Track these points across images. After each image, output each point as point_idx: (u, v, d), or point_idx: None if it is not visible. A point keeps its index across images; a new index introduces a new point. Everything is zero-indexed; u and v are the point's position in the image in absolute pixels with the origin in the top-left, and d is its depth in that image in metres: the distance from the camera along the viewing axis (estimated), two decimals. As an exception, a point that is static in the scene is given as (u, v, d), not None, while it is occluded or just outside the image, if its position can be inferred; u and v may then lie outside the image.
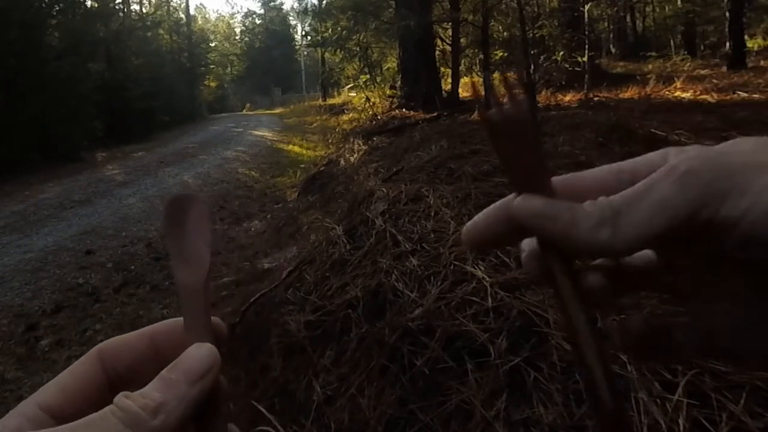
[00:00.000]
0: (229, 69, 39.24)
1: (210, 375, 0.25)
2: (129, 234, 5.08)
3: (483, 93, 0.29)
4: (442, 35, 9.26)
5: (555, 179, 0.27)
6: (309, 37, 17.31)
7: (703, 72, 9.16)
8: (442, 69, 9.98)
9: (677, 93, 6.35)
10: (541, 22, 9.07)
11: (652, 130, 3.48)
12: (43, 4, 11.74)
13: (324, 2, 15.02)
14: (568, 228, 0.24)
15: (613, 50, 18.41)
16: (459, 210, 2.27)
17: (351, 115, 10.79)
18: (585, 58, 7.63)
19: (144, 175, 8.42)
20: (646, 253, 0.27)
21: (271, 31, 40.90)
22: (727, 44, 9.53)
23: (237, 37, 43.07)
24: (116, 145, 12.53)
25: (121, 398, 0.23)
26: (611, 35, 19.56)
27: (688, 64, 10.92)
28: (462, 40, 9.08)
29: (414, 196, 2.63)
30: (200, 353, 0.26)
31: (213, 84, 33.78)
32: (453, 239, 1.94)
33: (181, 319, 0.28)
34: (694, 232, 0.23)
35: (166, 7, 28.49)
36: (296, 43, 41.94)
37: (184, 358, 0.25)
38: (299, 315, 2.12)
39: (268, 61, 39.04)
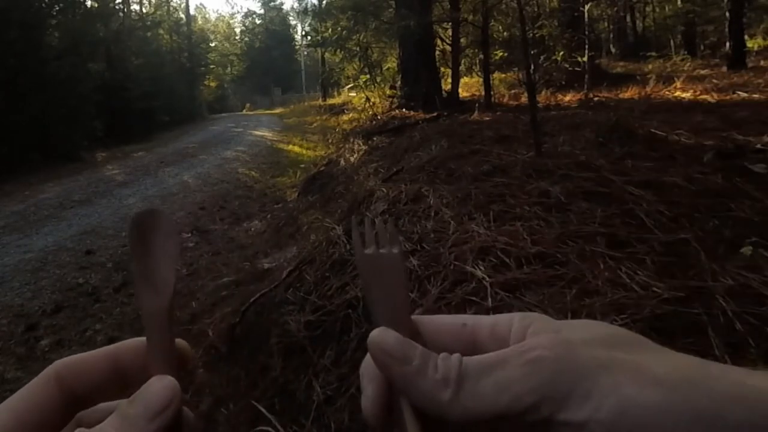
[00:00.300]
0: (229, 69, 39.24)
1: (170, 409, 0.25)
2: (129, 234, 5.08)
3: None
4: (442, 35, 9.25)
5: (414, 317, 0.27)
6: (309, 37, 17.28)
7: (703, 72, 9.15)
8: (442, 69, 9.97)
9: (677, 93, 6.35)
10: (541, 22, 9.08)
11: (652, 130, 3.48)
12: (43, 4, 11.74)
13: (324, 2, 15.03)
14: (415, 375, 0.23)
15: (613, 50, 18.41)
16: (459, 210, 2.27)
17: (351, 115, 10.79)
18: (585, 58, 7.64)
19: (144, 175, 8.42)
20: None
21: (271, 31, 40.90)
22: (727, 44, 9.53)
23: (237, 37, 43.08)
24: (116, 145, 12.53)
25: None
26: (611, 35, 19.57)
27: (688, 64, 10.91)
28: (462, 40, 9.08)
29: (414, 196, 2.63)
30: (160, 386, 0.25)
31: (213, 84, 33.78)
32: (453, 239, 1.94)
33: (145, 339, 0.27)
34: (537, 425, 0.21)
35: (166, 7, 28.50)
36: (296, 43, 41.94)
37: (144, 392, 0.25)
38: (299, 315, 2.12)
39: (268, 61, 39.04)
